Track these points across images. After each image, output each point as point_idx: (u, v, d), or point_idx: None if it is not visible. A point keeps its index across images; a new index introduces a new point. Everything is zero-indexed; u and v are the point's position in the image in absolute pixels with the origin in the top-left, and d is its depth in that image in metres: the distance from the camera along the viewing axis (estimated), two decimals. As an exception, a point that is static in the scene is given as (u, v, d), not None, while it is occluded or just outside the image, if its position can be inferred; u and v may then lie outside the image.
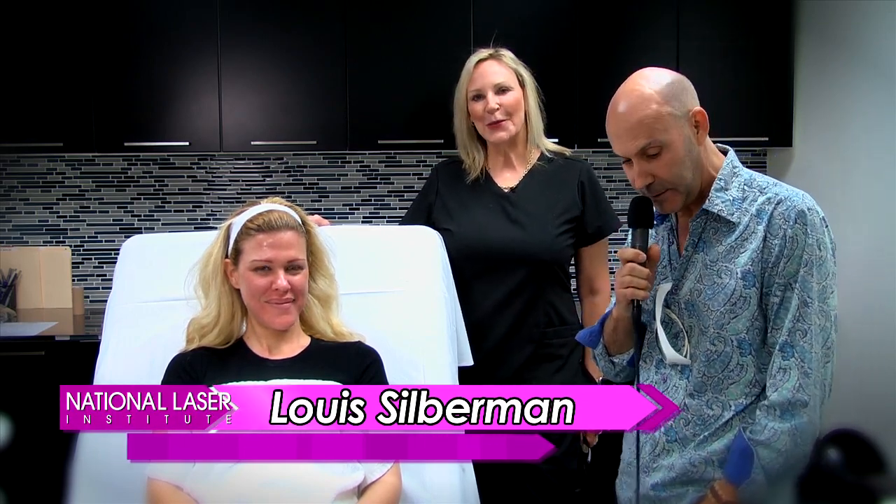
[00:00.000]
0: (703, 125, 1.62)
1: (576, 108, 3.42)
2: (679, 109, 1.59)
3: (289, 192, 3.73)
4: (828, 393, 1.58)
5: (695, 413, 1.65)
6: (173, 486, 1.75)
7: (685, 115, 1.60)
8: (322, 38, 3.38)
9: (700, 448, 1.64)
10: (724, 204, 1.63)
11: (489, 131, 2.38)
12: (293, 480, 1.69)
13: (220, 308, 1.93)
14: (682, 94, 1.61)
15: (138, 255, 2.24)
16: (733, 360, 1.62)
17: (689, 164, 1.61)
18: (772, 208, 1.59)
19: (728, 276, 1.60)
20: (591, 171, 2.47)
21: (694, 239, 1.66)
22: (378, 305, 2.17)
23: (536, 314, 2.38)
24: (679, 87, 1.62)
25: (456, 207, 2.45)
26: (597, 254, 2.46)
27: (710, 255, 1.63)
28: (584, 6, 3.43)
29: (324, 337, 1.98)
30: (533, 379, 2.38)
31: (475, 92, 2.38)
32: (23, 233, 3.71)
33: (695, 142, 1.61)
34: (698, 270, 1.64)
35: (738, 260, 1.60)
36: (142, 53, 3.34)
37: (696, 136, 1.61)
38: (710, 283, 1.62)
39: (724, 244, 1.62)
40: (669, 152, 1.59)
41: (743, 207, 1.62)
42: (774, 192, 1.61)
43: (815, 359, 1.55)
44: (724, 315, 1.61)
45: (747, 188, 1.64)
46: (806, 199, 1.60)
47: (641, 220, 1.67)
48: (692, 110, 1.61)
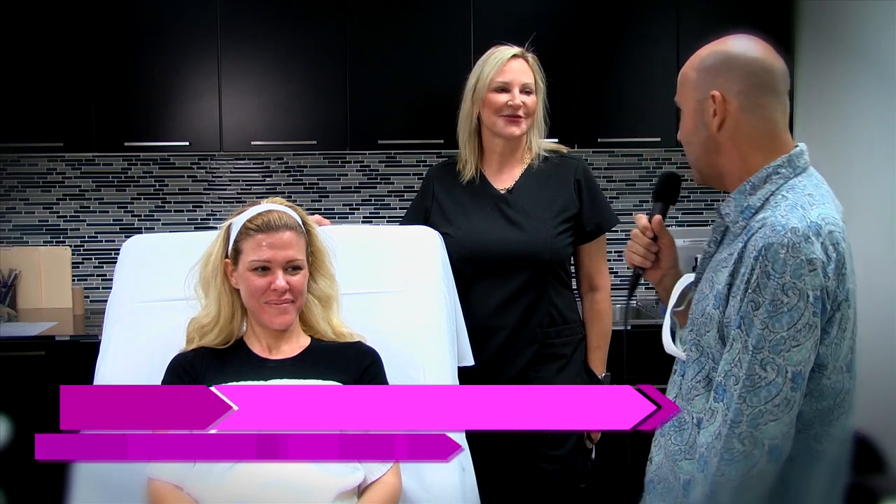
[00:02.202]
0: (720, 113, 1.49)
1: (576, 108, 3.42)
2: (701, 83, 1.51)
3: (289, 192, 3.73)
4: (773, 456, 1.40)
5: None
6: (173, 486, 1.75)
7: (704, 92, 1.51)
8: (322, 38, 3.38)
9: (674, 462, 1.58)
10: (734, 209, 1.51)
11: (504, 123, 2.37)
12: (293, 480, 1.69)
13: (220, 308, 1.93)
14: (715, 71, 1.50)
15: (138, 255, 2.24)
16: (703, 373, 1.53)
17: (697, 143, 1.54)
18: (757, 229, 1.43)
19: (710, 287, 1.52)
20: (588, 169, 2.47)
21: (716, 237, 1.61)
22: (378, 305, 2.16)
23: (539, 314, 2.38)
24: (722, 63, 1.50)
25: (453, 211, 2.45)
26: (596, 251, 2.47)
27: (718, 259, 1.55)
28: (584, 6, 3.43)
29: (324, 337, 1.98)
30: (537, 379, 2.38)
31: (501, 84, 2.36)
32: (23, 233, 3.71)
33: (709, 124, 1.51)
34: (708, 272, 1.58)
35: (719, 276, 1.50)
36: (142, 53, 3.34)
37: (713, 118, 1.50)
38: (700, 290, 1.57)
39: (722, 254, 1.54)
40: (683, 118, 1.57)
41: (751, 220, 1.48)
42: (774, 214, 1.43)
43: (744, 412, 1.40)
44: (700, 326, 1.53)
45: (771, 198, 1.47)
46: (794, 234, 1.38)
47: (661, 195, 1.73)
48: (711, 90, 1.49)
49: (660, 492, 1.63)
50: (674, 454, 1.58)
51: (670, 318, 1.68)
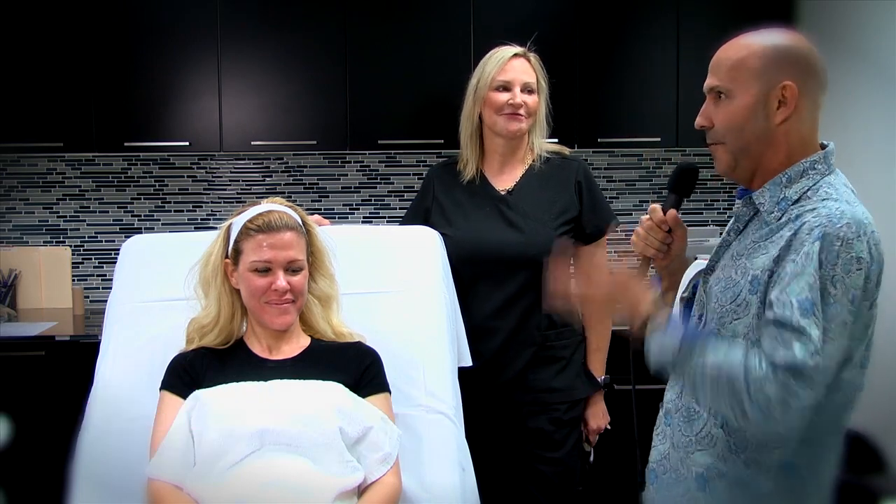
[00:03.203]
0: (789, 103, 1.48)
1: (576, 108, 3.42)
2: (768, 72, 1.48)
3: (289, 192, 3.73)
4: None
5: (685, 403, 1.60)
6: (173, 486, 1.75)
7: (771, 82, 1.48)
8: (322, 38, 3.38)
9: (685, 454, 1.59)
10: (770, 199, 1.51)
11: (505, 121, 2.36)
12: (293, 480, 1.69)
13: (220, 308, 1.93)
14: (785, 61, 1.49)
15: (138, 255, 2.24)
16: None
17: (751, 132, 1.51)
18: (808, 218, 1.43)
19: (742, 274, 1.50)
20: (588, 170, 2.47)
21: (738, 226, 1.60)
22: (378, 305, 2.17)
23: (538, 316, 2.37)
24: (789, 55, 1.49)
25: (453, 211, 2.44)
26: (596, 253, 2.46)
27: (740, 248, 1.55)
28: (584, 6, 3.42)
29: (324, 337, 1.98)
30: (535, 381, 2.38)
31: (503, 83, 2.36)
32: (23, 233, 3.71)
33: (771, 115, 1.49)
34: (727, 260, 1.58)
35: (756, 261, 1.48)
36: (142, 53, 3.34)
37: (777, 111, 1.49)
38: (727, 276, 1.54)
39: (752, 240, 1.53)
40: (731, 104, 1.52)
41: (788, 209, 1.49)
42: (825, 206, 1.44)
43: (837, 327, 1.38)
44: (728, 313, 1.52)
45: (809, 193, 1.48)
46: (847, 229, 1.39)
47: (676, 186, 1.71)
48: (783, 81, 1.48)
49: (665, 482, 1.63)
50: (684, 445, 1.59)
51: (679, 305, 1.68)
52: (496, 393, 2.38)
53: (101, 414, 1.98)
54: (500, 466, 2.39)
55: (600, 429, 2.46)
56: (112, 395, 2.00)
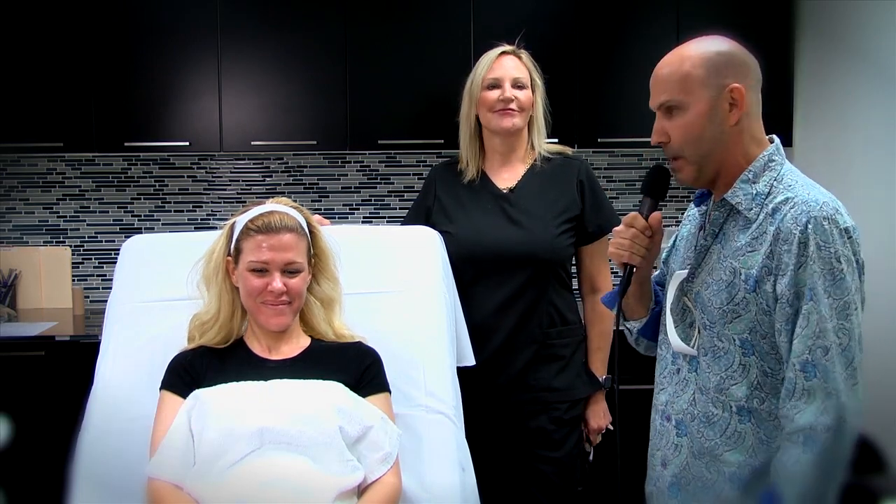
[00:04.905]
0: (740, 104, 1.55)
1: (576, 108, 3.42)
2: (713, 78, 1.54)
3: (289, 192, 3.73)
4: (859, 422, 1.47)
5: (701, 409, 1.62)
6: (173, 485, 1.75)
7: (719, 87, 1.54)
8: (322, 38, 3.38)
9: (712, 458, 1.60)
10: (745, 197, 1.57)
11: (498, 117, 2.37)
12: (293, 480, 1.69)
13: (221, 305, 1.93)
14: (726, 65, 1.55)
15: (138, 255, 2.24)
16: (735, 361, 1.57)
17: (709, 139, 1.56)
18: (787, 210, 1.51)
19: (735, 275, 1.55)
20: (590, 170, 2.47)
21: (714, 229, 1.62)
22: (379, 305, 2.16)
23: (539, 315, 2.37)
24: (728, 59, 1.56)
25: (454, 210, 2.45)
26: (597, 252, 2.46)
27: (726, 250, 1.59)
28: (584, 6, 3.43)
29: (324, 338, 1.98)
30: (536, 380, 2.38)
31: (492, 80, 2.37)
32: (23, 233, 3.71)
33: (725, 119, 1.55)
34: (711, 263, 1.61)
35: (748, 261, 1.54)
36: (142, 53, 3.34)
37: (729, 113, 1.55)
38: (718, 279, 1.58)
39: (739, 241, 1.57)
40: (686, 116, 1.56)
41: (764, 203, 1.55)
42: (795, 194, 1.52)
43: (839, 379, 1.45)
44: (727, 314, 1.56)
45: (776, 184, 1.56)
46: (826, 207, 1.49)
47: (650, 189, 1.70)
48: (729, 85, 1.54)
49: (692, 492, 1.64)
50: (710, 450, 1.60)
51: (671, 317, 1.68)
52: (496, 392, 2.38)
53: (101, 414, 1.98)
54: (501, 466, 2.38)
55: (601, 428, 2.46)
56: (112, 395, 2.00)
